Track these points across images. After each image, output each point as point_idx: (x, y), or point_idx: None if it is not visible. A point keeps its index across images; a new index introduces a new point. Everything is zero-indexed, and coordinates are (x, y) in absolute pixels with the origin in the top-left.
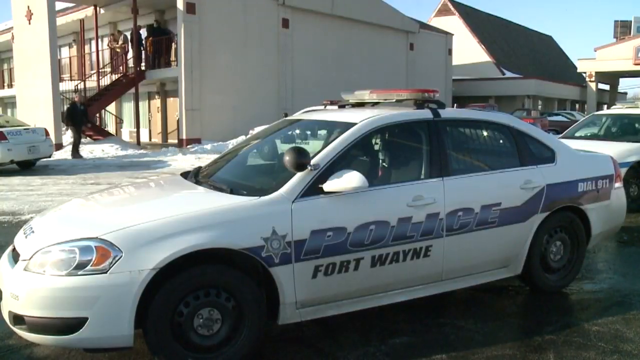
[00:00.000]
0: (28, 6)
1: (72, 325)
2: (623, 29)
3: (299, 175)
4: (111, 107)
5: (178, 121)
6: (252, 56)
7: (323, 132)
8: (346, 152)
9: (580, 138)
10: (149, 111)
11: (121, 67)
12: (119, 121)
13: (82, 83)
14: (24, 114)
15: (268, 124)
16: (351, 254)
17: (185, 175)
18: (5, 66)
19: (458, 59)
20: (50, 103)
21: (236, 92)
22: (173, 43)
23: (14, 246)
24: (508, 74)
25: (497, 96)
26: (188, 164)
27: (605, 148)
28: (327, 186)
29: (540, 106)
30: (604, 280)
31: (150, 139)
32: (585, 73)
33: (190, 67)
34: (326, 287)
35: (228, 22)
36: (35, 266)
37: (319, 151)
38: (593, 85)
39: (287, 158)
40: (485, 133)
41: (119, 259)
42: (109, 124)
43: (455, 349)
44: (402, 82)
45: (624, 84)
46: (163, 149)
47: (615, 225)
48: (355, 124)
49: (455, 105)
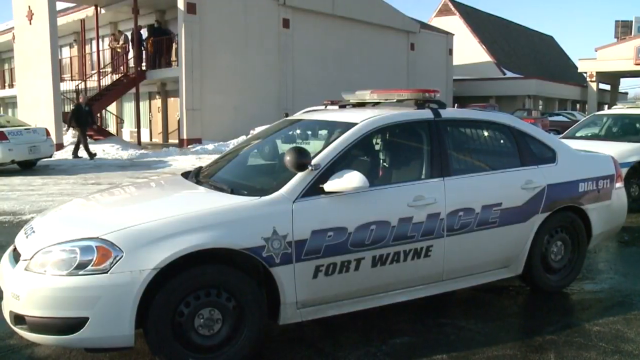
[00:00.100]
0: (29, 6)
1: (73, 325)
2: (624, 29)
3: (300, 175)
4: (112, 107)
5: (179, 121)
6: (253, 56)
7: (324, 132)
8: (347, 152)
9: (581, 138)
10: (150, 111)
11: (122, 67)
12: (120, 121)
13: (83, 83)
14: (25, 114)
15: (269, 124)
16: (352, 254)
17: (186, 175)
18: (6, 66)
19: (459, 59)
20: (51, 103)
21: (237, 92)
22: (174, 43)
23: (15, 246)
24: (509, 74)
25: (498, 96)
26: (189, 164)
27: (606, 148)
28: (328, 186)
29: (541, 106)
30: (605, 280)
31: (151, 139)
32: (586, 73)
33: (190, 67)
34: (327, 287)
35: (229, 22)
36: (36, 266)
37: (320, 151)
38: (594, 85)
39: (288, 158)
40: (486, 133)
41: (120, 259)
42: (110, 124)
43: (456, 349)
44: (403, 82)
45: (625, 84)
46: (164, 149)
47: (616, 225)
48: (356, 124)
49: (456, 105)
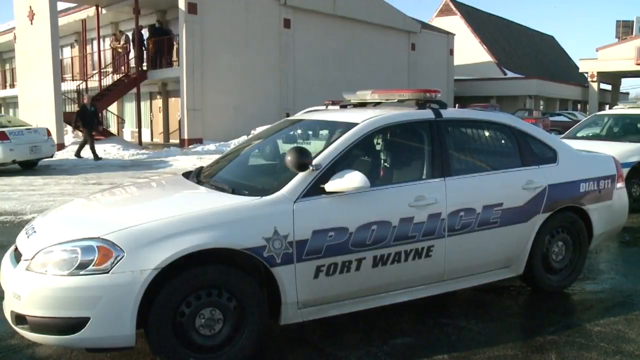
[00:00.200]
0: (30, 6)
1: (74, 325)
2: (625, 29)
3: (301, 175)
4: (113, 107)
5: (180, 121)
6: (254, 56)
7: (325, 132)
8: (348, 152)
9: (582, 138)
10: (151, 111)
11: (123, 67)
12: (121, 121)
13: (84, 83)
14: (26, 114)
15: (270, 124)
16: (353, 254)
17: (187, 175)
18: (7, 66)
19: (459, 59)
20: (52, 103)
21: (238, 92)
22: (175, 43)
23: (16, 246)
24: (510, 74)
25: (499, 96)
26: (190, 164)
27: (607, 148)
28: (329, 186)
29: (542, 106)
30: (606, 280)
31: (152, 139)
32: (587, 73)
33: (191, 67)
34: (328, 287)
35: (229, 22)
36: (37, 266)
37: (321, 151)
38: (595, 85)
39: (289, 158)
40: (487, 133)
41: (121, 259)
42: (111, 124)
43: (457, 349)
44: (404, 82)
45: (626, 84)
46: (165, 149)
47: (617, 225)
48: (357, 124)
49: (457, 105)
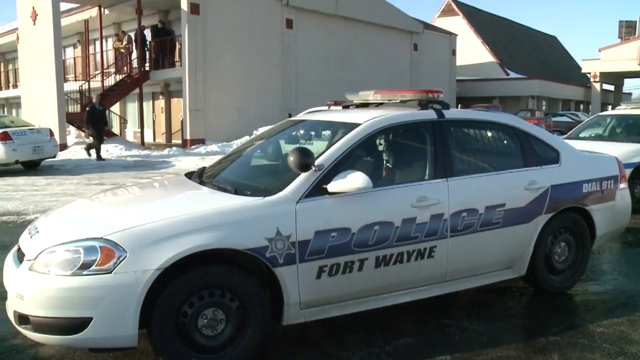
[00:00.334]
0: (33, 7)
1: (77, 325)
2: (628, 29)
3: (303, 175)
4: (115, 108)
5: (182, 121)
6: (256, 56)
7: (327, 133)
8: (350, 153)
9: (584, 139)
10: (153, 111)
11: (125, 68)
12: (123, 121)
13: (87, 83)
14: (29, 114)
15: (272, 125)
16: (355, 255)
17: (189, 175)
18: (10, 67)
19: (462, 60)
20: (54, 103)
21: (240, 93)
22: (177, 43)
23: (19, 246)
24: (512, 75)
25: (501, 97)
26: (192, 164)
27: (609, 149)
28: (332, 187)
29: (544, 107)
30: (609, 281)
31: (154, 139)
32: (589, 73)
33: (194, 68)
34: (330, 288)
35: (232, 23)
36: (40, 266)
37: (323, 152)
38: (597, 85)
39: (291, 158)
40: (489, 134)
41: (124, 259)
42: (114, 124)
43: (459, 350)
44: (406, 83)
45: (629, 85)
46: (167, 149)
47: (620, 226)
48: (359, 125)
49: (459, 105)
